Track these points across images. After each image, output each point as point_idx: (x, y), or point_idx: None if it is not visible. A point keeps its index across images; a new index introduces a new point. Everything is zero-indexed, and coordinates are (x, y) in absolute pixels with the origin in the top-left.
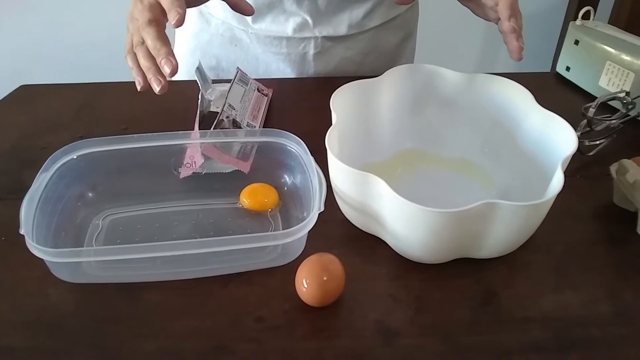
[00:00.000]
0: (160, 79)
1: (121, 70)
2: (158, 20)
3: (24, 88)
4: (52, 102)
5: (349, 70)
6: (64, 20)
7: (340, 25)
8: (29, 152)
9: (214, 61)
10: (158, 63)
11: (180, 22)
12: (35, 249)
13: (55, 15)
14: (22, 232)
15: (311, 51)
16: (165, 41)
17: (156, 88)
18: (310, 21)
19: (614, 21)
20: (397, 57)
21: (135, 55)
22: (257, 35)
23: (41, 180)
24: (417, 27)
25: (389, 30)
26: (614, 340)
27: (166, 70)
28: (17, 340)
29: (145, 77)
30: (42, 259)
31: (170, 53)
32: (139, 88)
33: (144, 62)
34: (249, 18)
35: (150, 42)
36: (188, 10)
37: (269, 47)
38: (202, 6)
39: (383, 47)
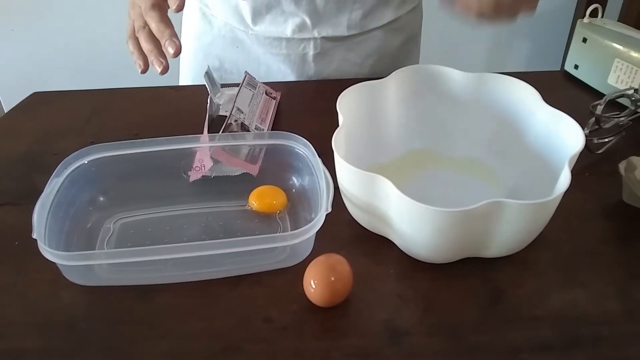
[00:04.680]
0: (162, 60)
1: (132, 77)
2: (160, 4)
3: (36, 95)
4: (64, 108)
5: (349, 72)
6: (75, 28)
7: (340, 26)
8: (42, 158)
9: (217, 62)
10: (162, 44)
11: (180, 7)
12: (48, 252)
13: (66, 23)
14: (34, 236)
15: (311, 52)
16: (168, 24)
17: (158, 69)
18: (309, 22)
19: (623, 19)
20: (401, 59)
21: (136, 40)
22: (257, 37)
23: (53, 185)
24: (422, 30)
25: (390, 32)
26: (623, 339)
27: (170, 51)
28: (29, 342)
29: (147, 60)
30: (54, 263)
31: (174, 34)
32: (139, 71)
33: (146, 45)
34: (249, 19)
35: (154, 25)
36: (191, 11)
37: (269, 48)
38: (204, 8)
39: (384, 49)
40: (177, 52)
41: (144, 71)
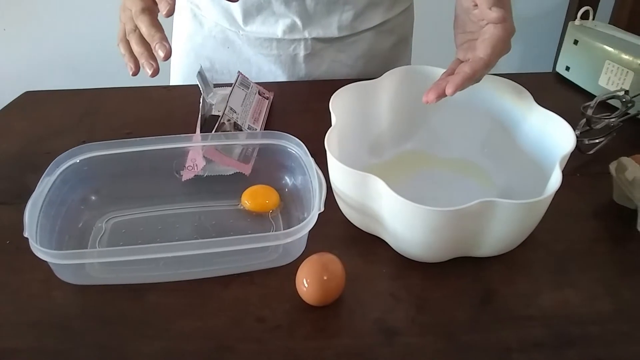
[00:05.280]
0: (153, 63)
1: (124, 76)
2: (151, 8)
3: (28, 94)
4: (56, 108)
5: (340, 73)
6: (68, 27)
7: (330, 27)
8: (33, 157)
9: (208, 63)
10: (152, 48)
11: (170, 12)
12: (39, 251)
13: (59, 23)
14: (26, 235)
15: (301, 53)
16: (159, 28)
17: (148, 72)
18: (299, 23)
19: (614, 21)
20: (392, 61)
21: (127, 43)
22: (248, 37)
23: (45, 184)
24: (414, 31)
25: (382, 34)
26: (614, 337)
27: (160, 54)
28: (22, 341)
29: (138, 62)
30: (46, 262)
31: (164, 38)
32: (130, 73)
33: (136, 48)
34: (240, 20)
35: (145, 28)
36: (182, 12)
37: (259, 49)
38: (195, 9)
39: (375, 51)
40: (167, 56)
41: (135, 73)
